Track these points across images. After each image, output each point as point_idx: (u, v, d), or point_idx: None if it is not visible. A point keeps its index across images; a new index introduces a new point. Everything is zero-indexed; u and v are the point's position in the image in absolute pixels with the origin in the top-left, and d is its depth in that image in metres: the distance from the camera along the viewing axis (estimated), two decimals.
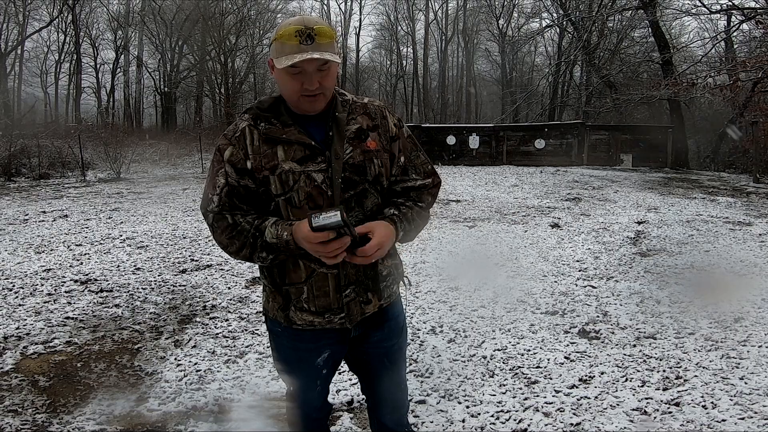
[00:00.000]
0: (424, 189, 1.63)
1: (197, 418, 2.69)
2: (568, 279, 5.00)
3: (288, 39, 1.38)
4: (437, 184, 1.67)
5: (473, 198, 10.55)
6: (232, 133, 1.51)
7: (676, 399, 2.77)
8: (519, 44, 30.29)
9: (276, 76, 1.47)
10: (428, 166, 1.65)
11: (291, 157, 1.46)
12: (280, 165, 1.46)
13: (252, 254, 1.49)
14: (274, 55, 1.42)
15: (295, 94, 1.44)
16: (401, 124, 1.63)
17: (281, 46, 1.39)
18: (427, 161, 1.66)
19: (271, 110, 1.51)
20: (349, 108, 1.55)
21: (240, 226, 1.48)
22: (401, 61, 38.41)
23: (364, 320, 1.60)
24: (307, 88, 1.42)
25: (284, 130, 1.48)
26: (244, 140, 1.49)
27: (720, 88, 13.65)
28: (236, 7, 28.37)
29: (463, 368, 3.17)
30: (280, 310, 1.58)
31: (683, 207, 9.37)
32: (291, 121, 1.49)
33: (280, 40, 1.39)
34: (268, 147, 1.47)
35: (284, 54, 1.38)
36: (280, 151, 1.47)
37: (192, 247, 6.35)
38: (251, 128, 1.50)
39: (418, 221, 1.61)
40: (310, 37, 1.38)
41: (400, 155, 1.60)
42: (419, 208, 1.61)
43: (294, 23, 1.39)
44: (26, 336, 3.66)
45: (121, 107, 32.70)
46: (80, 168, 15.38)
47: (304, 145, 1.47)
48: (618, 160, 17.95)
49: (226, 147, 1.50)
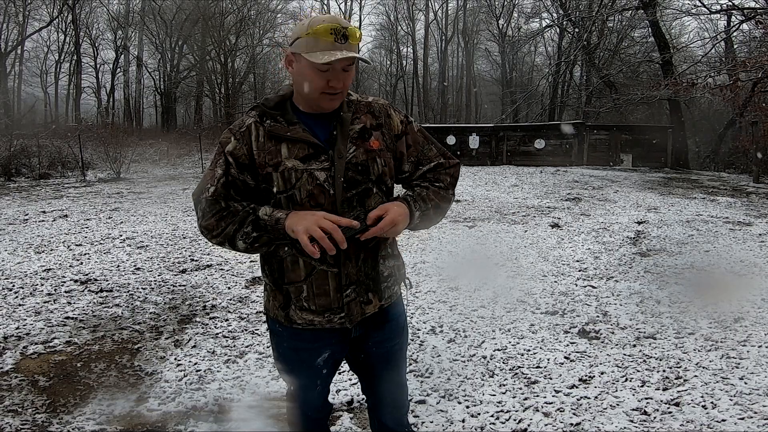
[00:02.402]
0: (439, 168, 1.62)
1: (197, 418, 2.69)
2: (568, 279, 5.00)
3: (323, 35, 1.39)
4: (454, 165, 1.65)
5: (473, 198, 10.55)
6: (238, 128, 1.52)
7: (676, 399, 2.77)
8: (519, 44, 30.26)
9: (298, 70, 1.46)
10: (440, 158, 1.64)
11: (294, 155, 1.47)
12: (283, 162, 1.47)
13: (236, 232, 1.46)
14: (303, 50, 1.41)
15: (316, 91, 1.45)
16: (409, 120, 1.63)
17: (315, 42, 1.40)
18: (442, 152, 1.65)
19: (277, 108, 1.53)
20: (354, 107, 1.56)
21: (232, 208, 1.48)
22: (401, 61, 38.38)
23: (364, 320, 1.60)
24: (333, 86, 1.44)
25: (289, 128, 1.49)
26: (249, 136, 1.50)
27: (720, 88, 13.63)
28: (236, 7, 28.36)
29: (463, 368, 3.17)
30: (281, 308, 1.58)
31: (683, 207, 9.37)
32: (296, 120, 1.50)
33: (313, 35, 1.40)
34: (272, 144, 1.48)
35: (318, 50, 1.39)
36: (284, 148, 1.48)
37: (192, 247, 6.35)
38: (257, 125, 1.51)
39: (437, 201, 1.58)
40: (345, 36, 1.41)
41: (411, 150, 1.60)
42: (437, 188, 1.59)
43: (328, 21, 1.41)
44: (26, 336, 3.66)
45: (121, 107, 32.68)
46: (80, 168, 15.37)
47: (308, 144, 1.48)
48: (618, 160, 17.94)
49: (230, 140, 1.51)
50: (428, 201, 1.56)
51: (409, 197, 1.54)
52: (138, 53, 31.36)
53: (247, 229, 1.45)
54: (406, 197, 1.54)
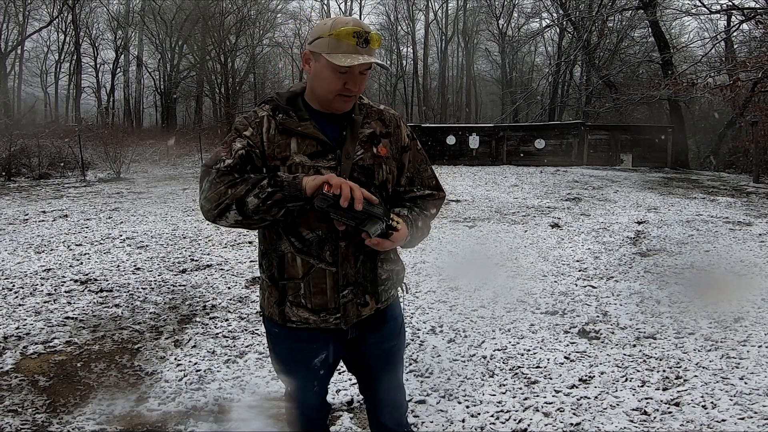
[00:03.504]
0: (430, 198, 1.67)
1: (197, 418, 2.69)
2: (568, 279, 5.00)
3: (346, 38, 1.41)
4: (442, 198, 1.71)
5: (473, 198, 10.55)
6: (253, 118, 1.53)
7: (676, 399, 2.78)
8: (519, 44, 30.29)
9: (316, 69, 1.48)
10: (433, 181, 1.69)
11: (303, 151, 1.49)
12: (291, 157, 1.48)
13: (248, 192, 1.38)
14: (325, 50, 1.43)
15: (332, 93, 1.47)
16: (414, 137, 1.67)
17: (337, 43, 1.42)
18: (433, 176, 1.70)
19: (289, 103, 1.55)
20: (366, 112, 1.58)
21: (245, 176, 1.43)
22: (401, 61, 38.36)
23: (360, 322, 1.61)
24: (350, 89, 1.46)
25: (300, 123, 1.50)
26: (262, 127, 1.51)
27: (720, 88, 13.63)
28: (236, 7, 28.37)
29: (463, 368, 3.17)
30: (276, 305, 1.58)
31: (683, 207, 9.37)
32: (308, 116, 1.52)
33: (336, 36, 1.42)
34: (282, 138, 1.50)
35: (340, 52, 1.41)
36: (293, 143, 1.49)
37: (192, 247, 6.34)
38: (270, 118, 1.52)
39: (424, 230, 1.63)
40: (367, 41, 1.44)
41: (410, 166, 1.64)
42: (425, 217, 1.63)
43: (352, 24, 1.43)
44: (26, 336, 3.66)
45: (121, 107, 32.68)
46: (80, 168, 15.37)
47: (318, 141, 1.49)
48: (618, 160, 17.94)
49: (246, 127, 1.51)
50: (417, 229, 1.58)
51: (408, 219, 1.55)
52: (138, 53, 31.37)
53: (263, 183, 1.39)
54: (407, 219, 1.55)
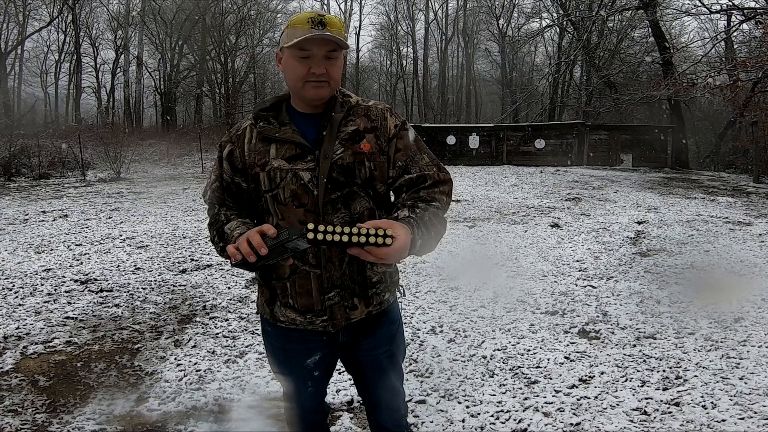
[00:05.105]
0: (432, 186, 1.50)
1: (197, 418, 2.69)
2: (568, 279, 5.00)
3: (301, 24, 1.41)
4: (447, 181, 1.53)
5: (473, 198, 10.55)
6: (235, 132, 1.58)
7: (676, 399, 2.78)
8: (519, 44, 30.29)
9: (284, 64, 1.49)
10: (433, 168, 1.52)
11: (281, 155, 1.49)
12: (270, 162, 1.49)
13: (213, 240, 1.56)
14: (285, 42, 1.44)
15: (300, 80, 1.45)
16: (405, 127, 1.55)
17: (293, 31, 1.42)
18: (433, 163, 1.54)
19: (272, 109, 1.55)
20: (350, 109, 1.53)
21: (219, 216, 1.56)
22: (401, 61, 38.39)
23: (351, 326, 1.57)
24: (314, 72, 1.43)
25: (280, 128, 1.51)
26: (243, 139, 1.54)
27: (720, 88, 13.64)
28: (236, 7, 28.36)
29: (463, 368, 3.17)
30: (267, 304, 1.60)
31: (683, 207, 9.37)
32: (288, 120, 1.52)
33: (292, 26, 1.43)
34: (262, 145, 1.51)
35: (295, 38, 1.41)
36: (272, 149, 1.50)
37: (192, 247, 6.34)
38: (252, 127, 1.55)
39: (438, 227, 1.43)
40: (322, 23, 1.41)
41: (399, 155, 1.51)
42: (435, 209, 1.45)
43: (306, 12, 1.44)
44: (26, 336, 3.66)
45: (121, 107, 32.65)
46: (80, 168, 15.37)
47: (295, 144, 1.49)
48: (618, 160, 17.94)
49: (226, 145, 1.57)
50: (430, 228, 1.40)
51: (412, 221, 1.37)
52: (138, 53, 31.36)
53: (215, 239, 1.54)
54: (410, 221, 1.37)
